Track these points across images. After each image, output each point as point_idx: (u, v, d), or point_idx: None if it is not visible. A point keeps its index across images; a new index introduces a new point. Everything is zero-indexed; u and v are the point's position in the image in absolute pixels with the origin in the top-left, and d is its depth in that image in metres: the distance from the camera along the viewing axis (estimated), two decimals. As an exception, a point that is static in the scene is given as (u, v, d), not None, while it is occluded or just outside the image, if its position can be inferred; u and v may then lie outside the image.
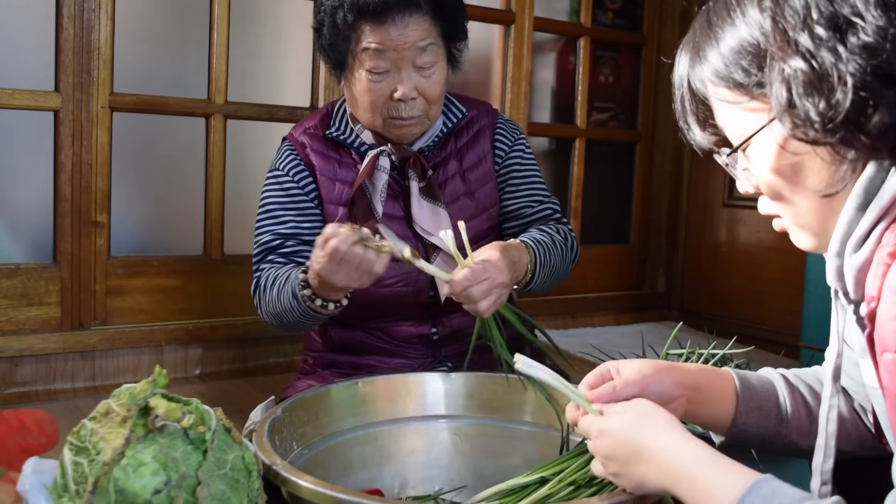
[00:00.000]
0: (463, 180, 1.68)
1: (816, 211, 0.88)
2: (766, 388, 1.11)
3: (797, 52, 0.80)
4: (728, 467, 0.86)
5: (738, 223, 3.11)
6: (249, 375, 2.35)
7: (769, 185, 0.90)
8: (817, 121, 0.80)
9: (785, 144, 0.86)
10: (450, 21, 1.59)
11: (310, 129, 1.68)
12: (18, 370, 2.08)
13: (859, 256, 0.83)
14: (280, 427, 1.29)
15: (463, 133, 1.71)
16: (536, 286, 1.58)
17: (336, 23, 1.54)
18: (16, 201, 2.17)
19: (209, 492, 0.93)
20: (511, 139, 1.74)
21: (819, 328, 2.13)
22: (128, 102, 2.19)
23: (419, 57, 1.54)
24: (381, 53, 1.52)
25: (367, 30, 1.52)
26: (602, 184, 3.23)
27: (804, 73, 0.80)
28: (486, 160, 1.71)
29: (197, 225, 2.37)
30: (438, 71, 1.58)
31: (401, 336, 1.65)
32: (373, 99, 1.56)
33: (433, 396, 1.49)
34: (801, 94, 0.80)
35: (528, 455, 1.44)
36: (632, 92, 3.27)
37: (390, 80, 1.55)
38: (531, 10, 2.84)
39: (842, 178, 0.84)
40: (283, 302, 1.50)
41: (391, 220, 1.62)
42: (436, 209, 1.62)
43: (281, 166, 1.66)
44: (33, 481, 0.97)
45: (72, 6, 2.07)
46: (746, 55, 0.86)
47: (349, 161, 1.65)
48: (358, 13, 1.51)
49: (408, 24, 1.51)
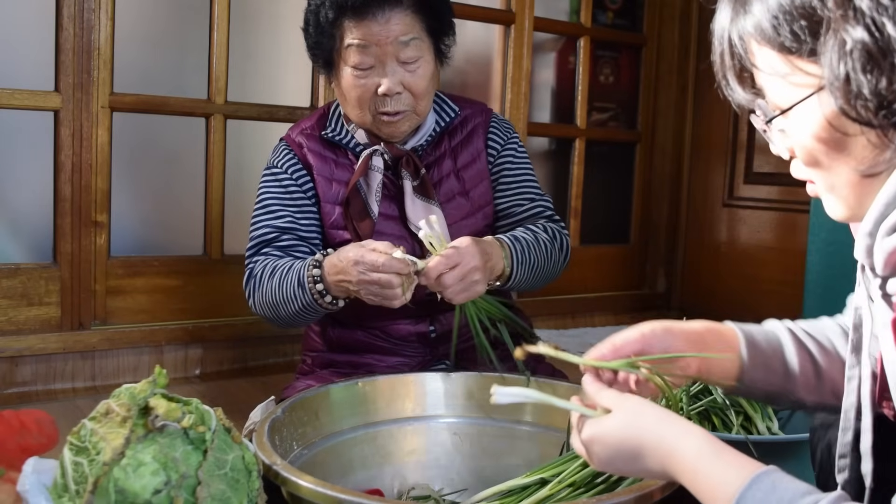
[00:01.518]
0: (458, 179, 1.68)
1: (854, 186, 0.82)
2: (772, 344, 1.08)
3: (860, 22, 0.73)
4: (729, 460, 0.83)
5: (738, 223, 3.11)
6: (249, 375, 2.34)
7: (808, 151, 0.83)
8: (872, 100, 0.74)
9: (832, 118, 0.79)
10: (434, 16, 1.60)
11: (306, 129, 1.70)
12: (18, 370, 2.08)
13: (892, 241, 0.78)
14: (280, 427, 1.29)
15: (457, 132, 1.72)
16: (519, 284, 1.59)
17: (319, 21, 1.56)
18: (16, 201, 2.17)
19: (209, 492, 0.93)
20: (504, 138, 1.75)
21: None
22: (128, 102, 2.19)
23: (402, 51, 1.55)
24: (365, 49, 1.54)
25: (350, 26, 1.54)
26: (602, 184, 3.23)
27: (865, 45, 0.72)
28: (480, 159, 1.72)
29: (197, 225, 2.37)
30: (424, 65, 1.59)
31: (399, 334, 1.66)
32: (359, 95, 1.57)
33: (433, 396, 1.50)
34: (859, 69, 0.73)
35: (528, 455, 1.44)
36: (632, 92, 3.27)
37: (375, 75, 1.56)
38: (531, 10, 2.83)
39: (886, 161, 0.78)
40: (285, 291, 1.51)
41: (387, 220, 1.63)
42: (430, 207, 1.62)
43: (279, 164, 1.67)
44: (33, 481, 0.97)
45: (72, 6, 2.07)
46: (799, 16, 0.78)
47: (345, 161, 1.66)
48: (339, 10, 1.53)
49: (389, 18, 1.53)
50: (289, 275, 1.51)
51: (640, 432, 0.89)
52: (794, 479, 0.80)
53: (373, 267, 1.37)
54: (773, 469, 0.81)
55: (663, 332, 1.04)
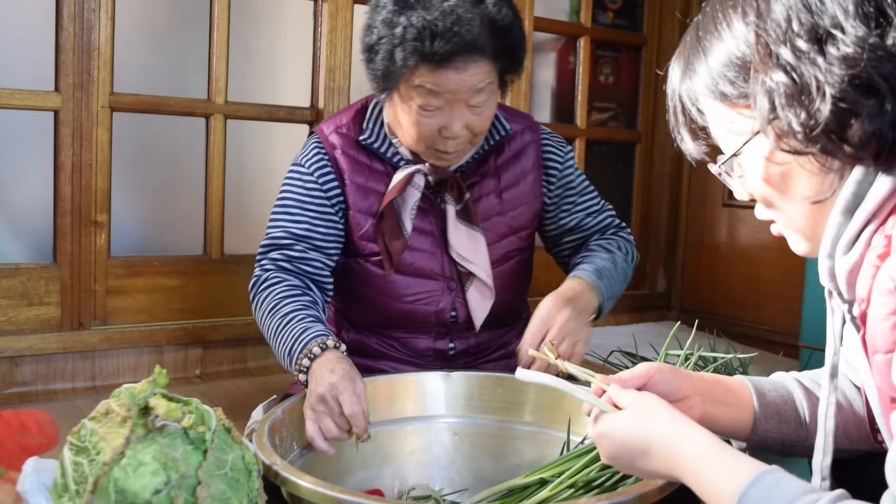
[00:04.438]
0: (499, 199, 1.62)
1: (808, 216, 0.89)
2: (782, 394, 1.11)
3: (778, 65, 0.81)
4: (733, 459, 0.86)
5: (738, 223, 3.11)
6: (249, 375, 2.34)
7: (761, 194, 0.92)
8: (799, 132, 0.81)
9: (770, 155, 0.87)
10: (512, 59, 1.50)
11: (341, 128, 1.60)
12: (18, 370, 2.08)
13: (850, 258, 0.84)
14: (280, 427, 1.29)
15: (504, 150, 1.64)
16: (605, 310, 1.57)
17: (394, 58, 1.43)
18: (16, 201, 2.17)
19: (209, 492, 0.93)
20: (562, 155, 1.69)
21: (819, 328, 2.12)
22: (128, 102, 2.19)
23: (475, 97, 1.45)
24: (437, 94, 1.43)
25: (426, 70, 1.42)
26: (602, 184, 3.21)
27: (785, 86, 0.81)
28: (526, 180, 1.64)
29: (197, 225, 2.37)
30: (489, 107, 1.50)
31: (417, 349, 1.62)
32: (420, 132, 1.48)
33: (433, 396, 1.50)
34: (783, 106, 0.81)
35: (528, 455, 1.44)
36: (632, 92, 3.27)
37: (441, 116, 1.46)
38: (531, 10, 2.83)
39: (829, 185, 0.86)
40: (277, 346, 1.44)
41: (420, 235, 1.58)
42: (473, 234, 1.57)
43: (306, 163, 1.59)
44: (33, 481, 0.97)
45: (72, 6, 2.07)
46: (733, 68, 0.87)
47: (380, 169, 1.58)
48: (421, 58, 1.40)
49: (468, 68, 1.41)
50: (286, 332, 1.42)
51: (649, 430, 0.92)
52: (796, 479, 0.81)
53: (343, 403, 1.28)
54: (776, 468, 0.83)
55: (671, 373, 1.07)
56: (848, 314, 0.89)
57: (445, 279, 1.59)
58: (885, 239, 0.80)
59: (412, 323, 1.60)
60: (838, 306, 0.91)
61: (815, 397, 1.11)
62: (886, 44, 0.78)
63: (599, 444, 0.98)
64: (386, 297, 1.58)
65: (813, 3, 0.80)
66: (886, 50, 0.78)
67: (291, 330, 1.41)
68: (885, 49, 0.78)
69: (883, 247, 0.80)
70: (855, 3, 0.79)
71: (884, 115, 0.78)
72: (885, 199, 0.82)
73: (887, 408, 0.82)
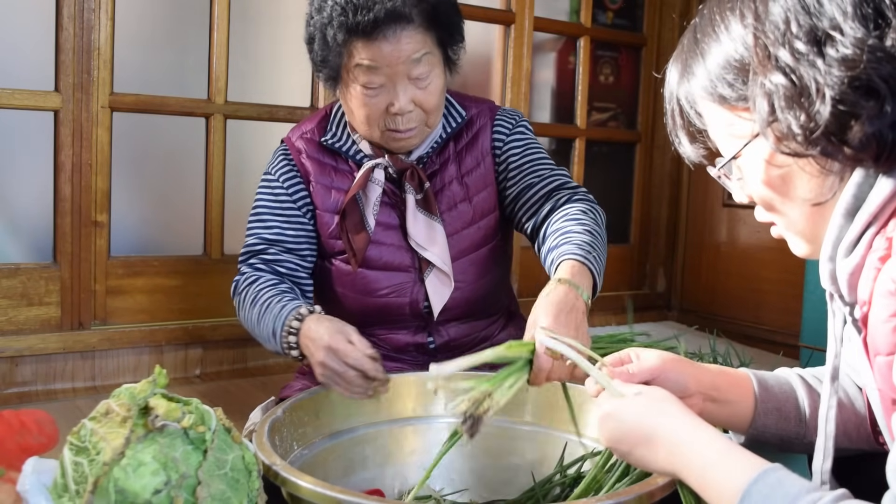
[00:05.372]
0: (461, 185, 1.63)
1: (808, 218, 0.89)
2: (784, 390, 1.11)
3: (777, 67, 0.81)
4: (738, 456, 0.86)
5: (738, 223, 3.11)
6: (249, 375, 2.35)
7: (761, 197, 0.92)
8: (799, 134, 0.81)
9: (770, 158, 0.87)
10: (445, 27, 1.53)
11: (306, 133, 1.65)
12: (18, 370, 2.08)
13: (851, 261, 0.84)
14: (280, 427, 1.29)
15: (462, 135, 1.66)
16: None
17: (326, 40, 1.49)
18: (16, 201, 2.17)
19: (209, 492, 0.93)
20: (508, 128, 1.67)
21: (819, 328, 2.12)
22: (128, 102, 2.19)
23: (414, 69, 1.48)
24: (375, 69, 1.47)
25: (360, 46, 1.46)
26: (602, 184, 3.23)
27: (784, 88, 0.81)
28: (485, 162, 1.65)
29: (197, 225, 2.37)
30: (435, 80, 1.52)
31: (397, 344, 1.64)
32: (368, 113, 1.51)
33: (433, 396, 1.49)
34: (783, 108, 0.81)
35: (529, 455, 1.44)
36: (632, 92, 3.27)
37: (386, 94, 1.49)
38: (531, 10, 2.84)
39: (830, 187, 0.86)
40: (262, 331, 1.50)
41: (386, 230, 1.60)
42: (431, 223, 1.59)
43: (273, 171, 1.64)
44: (33, 481, 0.97)
45: (72, 6, 2.07)
46: (731, 70, 0.87)
47: (345, 169, 1.62)
48: (348, 32, 1.45)
49: (400, 38, 1.45)
50: (267, 315, 1.47)
51: (657, 419, 0.92)
52: (799, 477, 0.82)
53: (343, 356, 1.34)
54: (779, 466, 0.83)
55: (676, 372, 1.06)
56: (849, 317, 0.89)
57: (415, 270, 1.60)
58: (887, 241, 0.80)
59: (388, 317, 1.62)
60: (839, 309, 0.91)
61: (817, 394, 1.11)
62: (885, 45, 0.78)
63: (604, 425, 0.97)
64: (359, 293, 1.61)
65: (811, 4, 0.80)
66: (885, 51, 0.78)
67: (270, 312, 1.47)
68: (884, 50, 0.78)
69: (884, 249, 0.80)
70: (853, 4, 0.79)
71: (884, 117, 0.78)
72: (885, 201, 0.82)
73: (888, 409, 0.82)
